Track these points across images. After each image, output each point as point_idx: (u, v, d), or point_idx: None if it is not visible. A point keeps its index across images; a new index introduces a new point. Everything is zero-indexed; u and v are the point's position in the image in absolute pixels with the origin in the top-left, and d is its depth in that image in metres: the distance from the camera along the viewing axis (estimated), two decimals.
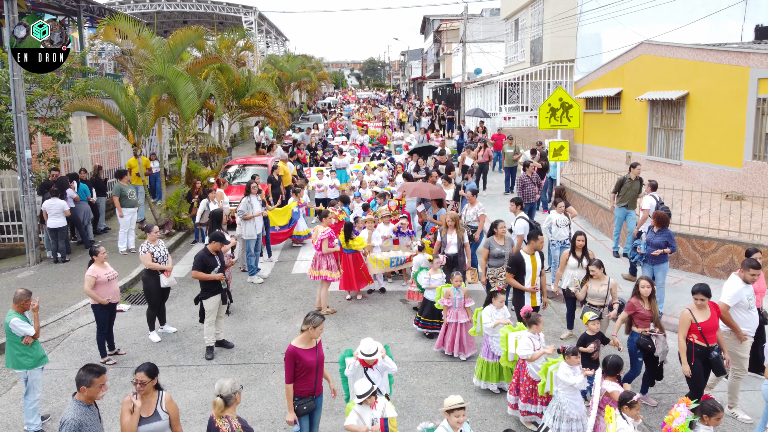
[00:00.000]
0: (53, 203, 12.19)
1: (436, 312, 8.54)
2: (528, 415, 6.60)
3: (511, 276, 8.00)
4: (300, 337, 5.62)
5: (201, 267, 8.14)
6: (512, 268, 7.97)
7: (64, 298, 10.52)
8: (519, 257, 7.96)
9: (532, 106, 26.24)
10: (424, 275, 8.88)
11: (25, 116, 12.16)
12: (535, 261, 7.95)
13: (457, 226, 9.54)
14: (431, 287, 8.70)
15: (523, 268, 7.90)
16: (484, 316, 7.37)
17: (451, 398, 5.03)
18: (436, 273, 8.84)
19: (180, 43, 15.68)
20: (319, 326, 5.58)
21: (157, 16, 35.27)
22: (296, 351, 5.52)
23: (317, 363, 5.62)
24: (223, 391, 4.75)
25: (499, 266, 8.84)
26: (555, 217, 10.37)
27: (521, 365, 6.66)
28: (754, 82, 13.38)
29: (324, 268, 9.82)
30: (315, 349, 5.64)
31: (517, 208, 10.41)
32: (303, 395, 5.61)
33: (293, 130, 27.65)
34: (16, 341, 6.52)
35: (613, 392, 5.70)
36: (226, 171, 16.77)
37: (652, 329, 6.85)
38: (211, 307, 8.30)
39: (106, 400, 7.27)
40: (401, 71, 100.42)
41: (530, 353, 6.42)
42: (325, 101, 51.90)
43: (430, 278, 8.78)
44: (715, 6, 18.29)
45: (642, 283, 6.93)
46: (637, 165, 11.74)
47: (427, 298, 8.83)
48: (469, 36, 34.70)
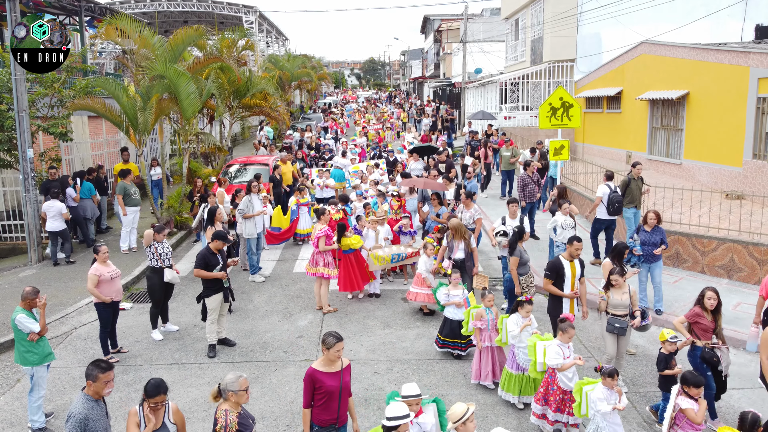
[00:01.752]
0: (52, 205, 12.11)
1: (457, 330, 8.05)
2: (558, 424, 6.35)
3: (549, 282, 7.62)
4: (321, 359, 5.15)
5: (203, 265, 8.19)
6: (551, 273, 7.59)
7: (66, 297, 10.56)
8: (558, 263, 7.60)
9: (532, 105, 26.28)
10: (443, 291, 8.34)
11: (27, 115, 12.20)
12: (574, 267, 7.58)
13: (460, 232, 9.35)
14: (450, 303, 8.19)
15: (562, 274, 7.52)
16: (510, 324, 7.02)
17: (457, 409, 4.76)
18: (456, 289, 8.27)
19: (181, 42, 15.71)
20: (333, 347, 5.01)
21: (157, 15, 35.29)
22: (315, 374, 5.03)
23: (340, 389, 5.06)
24: (223, 383, 4.72)
25: (526, 273, 8.63)
26: (560, 219, 10.24)
27: (551, 374, 6.37)
28: (754, 81, 13.42)
29: (321, 266, 9.81)
30: (339, 374, 5.08)
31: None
32: (324, 424, 5.09)
33: (294, 130, 27.67)
34: (22, 338, 6.58)
35: (687, 409, 5.44)
36: (227, 170, 16.81)
37: (715, 342, 6.51)
38: (213, 306, 8.34)
39: (109, 397, 7.28)
40: (401, 71, 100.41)
41: (560, 362, 6.17)
42: (325, 101, 51.93)
43: (450, 294, 8.25)
44: (715, 5, 18.32)
45: (708, 294, 6.55)
46: (638, 164, 11.69)
47: (447, 316, 8.23)
48: (469, 36, 34.74)
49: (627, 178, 11.64)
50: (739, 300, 9.79)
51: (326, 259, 9.88)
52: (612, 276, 7.19)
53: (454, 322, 8.11)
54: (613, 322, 7.10)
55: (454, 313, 8.11)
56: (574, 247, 7.64)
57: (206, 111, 19.45)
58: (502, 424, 6.64)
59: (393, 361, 8.21)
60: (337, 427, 5.15)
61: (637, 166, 11.67)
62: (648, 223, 9.12)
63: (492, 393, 7.32)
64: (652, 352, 7.91)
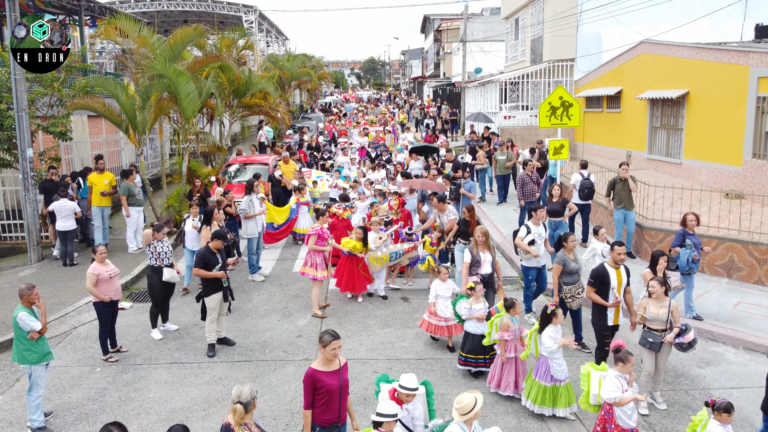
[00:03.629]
0: (63, 205, 11.99)
1: (479, 346, 7.57)
2: None
3: (592, 290, 7.21)
4: (319, 359, 5.15)
5: (202, 265, 8.19)
6: (594, 281, 7.21)
7: (66, 296, 10.56)
8: (603, 270, 7.22)
9: (532, 105, 26.26)
10: (464, 304, 7.76)
11: (26, 115, 12.19)
12: (620, 275, 7.24)
13: (488, 242, 8.69)
14: (472, 317, 7.66)
15: (607, 282, 7.15)
16: (545, 339, 6.53)
17: (465, 400, 4.72)
18: (479, 302, 7.71)
19: (180, 41, 15.71)
20: (329, 345, 5.01)
21: (157, 15, 35.29)
22: (315, 374, 5.01)
23: (340, 388, 5.05)
24: (242, 398, 4.52)
25: (575, 283, 8.04)
26: (599, 246, 9.24)
27: (608, 411, 5.72)
28: (754, 80, 13.41)
29: (308, 265, 9.62)
30: (338, 372, 5.08)
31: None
32: (325, 424, 5.05)
33: (294, 130, 27.67)
34: (22, 336, 6.58)
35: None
36: (227, 170, 16.80)
37: None
38: (212, 305, 8.33)
39: (108, 396, 7.32)
40: (401, 70, 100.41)
41: (618, 396, 5.59)
42: (325, 100, 51.92)
43: (471, 308, 7.69)
44: (715, 5, 18.31)
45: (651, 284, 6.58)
46: (624, 164, 11.66)
47: (468, 331, 7.72)
48: (469, 35, 34.74)
49: (613, 179, 11.65)
50: (738, 299, 9.80)
51: (313, 260, 9.60)
52: (651, 282, 6.77)
53: (476, 337, 7.62)
54: (646, 336, 6.71)
55: (477, 327, 7.64)
56: (616, 252, 7.26)
57: (206, 110, 19.44)
58: (502, 424, 6.65)
59: (392, 360, 8.21)
60: (339, 425, 5.14)
61: (623, 166, 11.62)
62: (688, 225, 8.90)
63: (492, 393, 7.31)
64: None
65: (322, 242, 9.63)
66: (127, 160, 19.55)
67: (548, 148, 14.00)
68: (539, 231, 9.14)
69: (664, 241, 11.51)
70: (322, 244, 9.62)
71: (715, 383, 7.53)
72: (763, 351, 8.15)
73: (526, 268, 9.27)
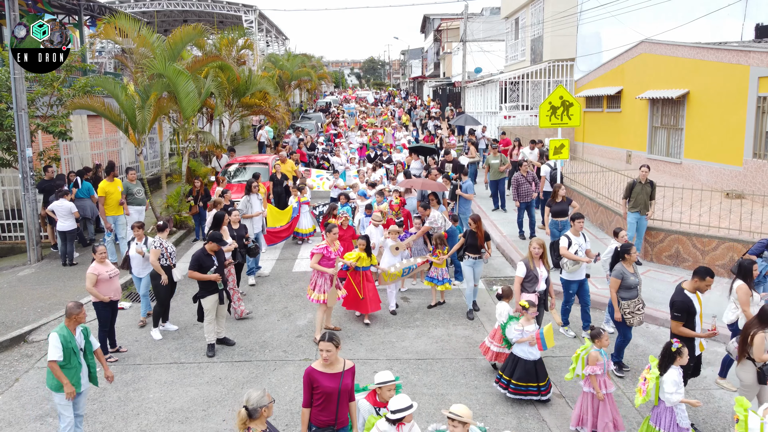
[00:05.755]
0: (61, 205, 11.93)
1: (532, 373, 6.92)
2: None
3: (679, 324, 6.46)
4: (320, 359, 5.10)
5: (197, 267, 8.09)
6: (681, 315, 6.42)
7: (65, 296, 10.53)
8: (686, 299, 6.47)
9: (532, 104, 26.26)
10: (516, 326, 7.06)
11: (26, 114, 12.17)
12: (700, 300, 6.69)
13: (545, 255, 7.99)
14: (524, 340, 6.96)
15: (693, 311, 6.51)
16: (669, 384, 5.55)
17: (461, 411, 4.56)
18: (530, 324, 7.04)
19: (180, 41, 15.70)
20: (320, 344, 4.99)
21: (157, 15, 35.30)
22: (313, 373, 5.00)
23: (339, 391, 4.97)
24: (249, 403, 4.41)
25: (634, 298, 7.49)
26: None
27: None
28: (754, 80, 13.40)
29: (313, 289, 8.63)
30: (338, 375, 5.00)
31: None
32: (321, 425, 5.03)
33: (293, 130, 27.65)
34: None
35: None
36: (227, 170, 16.78)
37: None
38: (208, 306, 8.28)
39: (108, 396, 7.30)
40: (401, 70, 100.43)
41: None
42: (325, 100, 51.91)
43: (524, 330, 6.99)
44: (715, 5, 18.30)
45: None
46: (644, 167, 11.25)
47: (518, 355, 7.01)
48: (469, 35, 34.72)
49: (632, 181, 11.16)
50: None
51: (317, 282, 8.58)
52: None
53: (529, 363, 6.93)
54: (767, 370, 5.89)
55: (529, 353, 6.94)
56: (705, 283, 6.46)
57: (205, 110, 19.43)
58: (502, 424, 6.63)
59: (392, 360, 8.19)
60: (335, 429, 5.07)
61: (643, 168, 11.20)
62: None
63: (492, 393, 7.30)
64: None
65: (327, 262, 8.51)
66: (127, 159, 19.54)
67: (548, 148, 14.00)
68: (580, 242, 8.77)
69: (664, 241, 11.50)
70: (327, 264, 8.51)
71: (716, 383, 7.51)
72: None
73: (567, 282, 8.86)
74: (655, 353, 6.43)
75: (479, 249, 9.43)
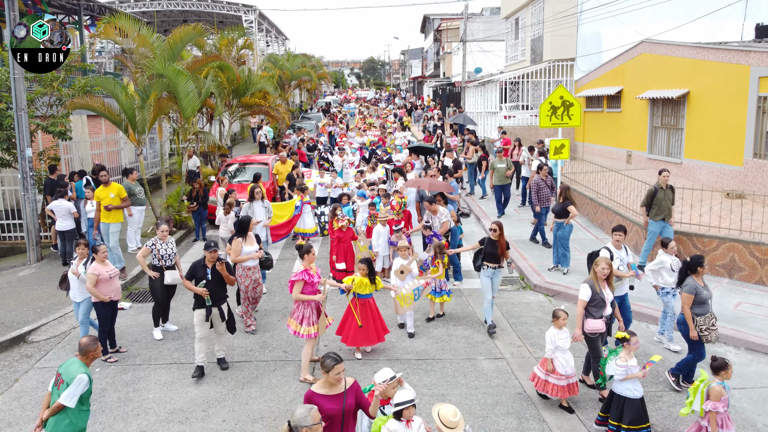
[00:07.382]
0: (60, 205, 11.89)
1: (643, 412, 6.10)
2: None
3: None
4: (321, 381, 4.82)
5: (189, 276, 7.74)
6: None
7: (64, 296, 10.50)
8: None
9: (532, 104, 26.25)
10: (618, 363, 6.16)
11: (26, 114, 12.16)
12: None
13: (611, 276, 7.09)
14: (632, 377, 6.11)
15: None
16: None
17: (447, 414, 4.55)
18: (632, 357, 6.17)
19: (180, 41, 15.69)
20: (333, 370, 4.69)
21: (157, 15, 35.29)
22: (313, 397, 4.68)
23: (343, 414, 4.65)
24: (293, 420, 4.18)
25: (707, 313, 7.00)
26: (668, 259, 8.20)
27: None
28: (754, 80, 13.40)
29: (295, 318, 7.54)
30: (341, 397, 4.71)
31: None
32: None
33: (293, 130, 27.66)
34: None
35: None
36: (227, 169, 16.78)
37: None
38: (196, 320, 7.64)
39: (108, 397, 7.29)
40: (401, 70, 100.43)
41: None
42: (325, 100, 51.94)
43: (628, 365, 6.11)
44: (715, 4, 18.30)
45: None
46: (665, 171, 10.73)
47: (623, 394, 6.12)
48: (469, 35, 34.72)
49: (653, 188, 10.62)
50: (740, 299, 9.77)
51: (303, 312, 7.49)
52: None
53: (636, 402, 6.09)
54: None
55: (635, 390, 6.11)
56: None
57: (205, 110, 19.44)
58: (503, 425, 6.62)
59: (392, 360, 8.18)
60: None
61: (663, 173, 10.64)
62: None
63: (492, 393, 7.28)
64: None
65: (310, 288, 7.45)
66: (127, 159, 19.54)
67: (549, 148, 13.98)
68: (621, 255, 8.17)
69: None
70: (311, 291, 7.47)
71: None
72: (765, 351, 8.13)
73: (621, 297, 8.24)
74: None
75: (499, 258, 8.69)
